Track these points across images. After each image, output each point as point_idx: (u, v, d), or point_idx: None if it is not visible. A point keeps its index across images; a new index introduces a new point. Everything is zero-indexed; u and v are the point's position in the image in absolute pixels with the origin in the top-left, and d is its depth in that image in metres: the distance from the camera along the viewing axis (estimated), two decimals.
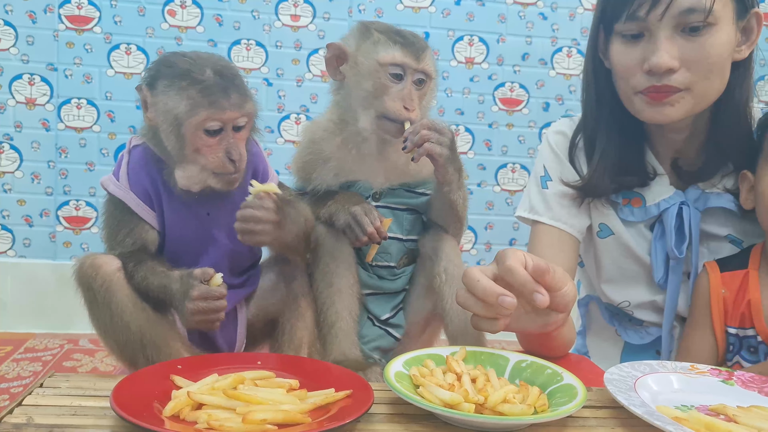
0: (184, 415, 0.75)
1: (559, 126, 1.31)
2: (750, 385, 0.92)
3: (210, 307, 0.96)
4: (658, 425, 0.73)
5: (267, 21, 2.82)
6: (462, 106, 2.96)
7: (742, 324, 1.11)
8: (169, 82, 1.00)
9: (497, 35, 2.94)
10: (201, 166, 1.01)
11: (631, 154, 1.21)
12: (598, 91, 1.21)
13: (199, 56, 1.03)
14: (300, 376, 0.87)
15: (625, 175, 1.21)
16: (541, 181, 1.27)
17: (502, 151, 3.01)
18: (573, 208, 1.24)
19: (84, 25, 2.73)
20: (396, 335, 1.19)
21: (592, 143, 1.22)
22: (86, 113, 2.76)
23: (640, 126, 1.21)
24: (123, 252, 1.04)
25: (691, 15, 1.04)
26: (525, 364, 0.93)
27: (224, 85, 0.99)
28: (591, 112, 1.23)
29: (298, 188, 1.19)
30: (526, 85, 2.98)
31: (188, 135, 0.99)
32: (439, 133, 1.07)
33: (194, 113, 0.98)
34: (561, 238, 1.23)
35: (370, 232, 1.06)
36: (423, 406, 0.77)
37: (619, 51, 1.12)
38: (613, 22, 1.11)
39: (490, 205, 3.03)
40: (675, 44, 1.06)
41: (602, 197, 1.23)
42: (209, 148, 1.00)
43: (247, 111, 1.02)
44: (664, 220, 1.20)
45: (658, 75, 1.07)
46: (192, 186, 1.02)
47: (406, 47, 1.09)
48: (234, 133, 1.01)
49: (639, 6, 1.06)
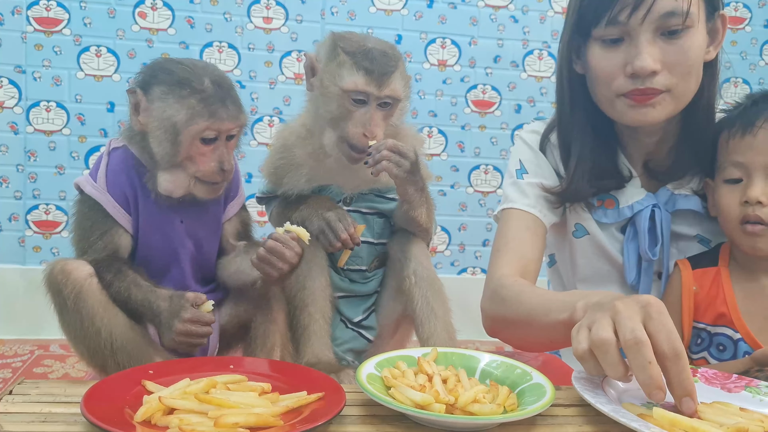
0: (156, 420, 0.75)
1: (533, 126, 1.33)
2: (713, 382, 0.95)
3: (198, 332, 0.99)
4: (624, 422, 0.75)
5: (239, 23, 2.81)
6: (435, 108, 2.98)
7: (715, 321, 1.13)
8: (167, 89, 1.01)
9: (469, 38, 2.96)
10: (189, 173, 1.02)
11: (605, 157, 1.23)
12: (573, 96, 1.22)
13: (196, 65, 1.04)
14: (272, 380, 0.88)
15: (602, 178, 1.23)
16: (517, 173, 1.27)
17: (474, 152, 3.03)
18: (546, 201, 1.25)
19: (53, 27, 2.69)
20: (368, 337, 1.20)
21: (568, 148, 1.24)
22: (56, 116, 2.73)
23: (612, 130, 1.23)
24: (96, 258, 1.04)
25: (670, 18, 1.06)
26: (495, 364, 0.94)
27: (222, 96, 1.01)
28: (566, 118, 1.24)
29: (268, 191, 1.20)
30: (498, 88, 3.01)
31: (185, 143, 1.00)
32: (401, 155, 1.08)
33: (194, 122, 0.99)
34: (535, 222, 1.22)
35: (344, 239, 1.07)
36: (394, 407, 0.78)
37: (598, 56, 1.13)
38: (592, 28, 1.12)
39: (464, 207, 3.05)
40: (656, 47, 1.08)
41: (582, 201, 1.25)
42: (202, 157, 1.02)
43: (241, 122, 1.04)
44: (636, 222, 1.22)
45: (641, 78, 1.09)
46: (175, 191, 1.03)
47: (369, 74, 1.09)
48: (226, 142, 1.03)
49: (620, 10, 1.07)
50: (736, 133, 1.12)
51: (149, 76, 1.03)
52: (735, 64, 3.15)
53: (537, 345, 1.17)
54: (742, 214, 1.09)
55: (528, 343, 1.17)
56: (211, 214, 1.06)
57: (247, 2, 2.80)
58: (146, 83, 1.03)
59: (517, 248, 1.19)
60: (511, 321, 1.11)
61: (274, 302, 1.11)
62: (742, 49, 3.15)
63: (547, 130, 1.29)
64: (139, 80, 1.04)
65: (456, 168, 3.02)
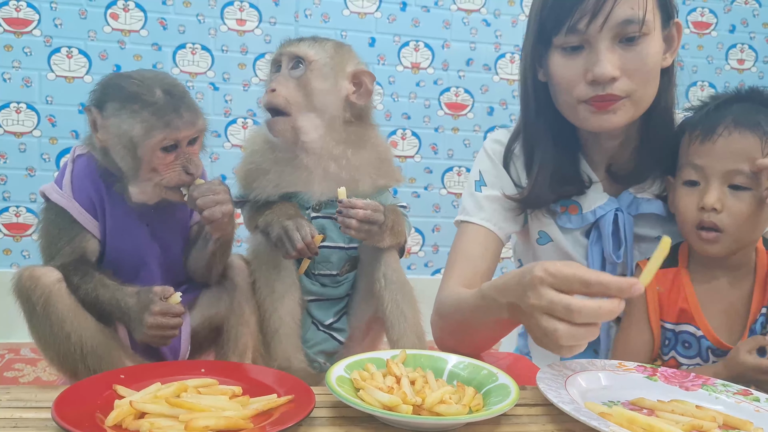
0: (127, 425, 0.76)
1: (496, 135, 1.35)
2: (672, 381, 0.98)
3: (168, 323, 0.99)
4: (584, 420, 0.78)
5: (212, 25, 2.81)
6: (408, 110, 3.00)
7: (678, 320, 1.17)
8: (119, 105, 1.01)
9: (442, 41, 2.99)
10: (156, 183, 1.03)
11: (567, 163, 1.26)
12: (537, 103, 1.24)
13: (145, 77, 1.04)
14: (243, 383, 0.89)
15: (563, 185, 1.25)
16: (476, 185, 1.30)
17: (448, 154, 3.06)
18: (504, 212, 1.28)
19: (23, 28, 2.66)
20: (340, 339, 1.22)
21: (531, 155, 1.26)
22: (26, 118, 2.70)
23: (575, 135, 1.26)
24: (64, 263, 1.04)
25: (628, 26, 1.09)
26: (463, 365, 0.97)
27: (175, 105, 1.01)
28: (530, 125, 1.26)
29: (240, 196, 1.21)
30: (471, 90, 3.04)
31: (145, 155, 1.01)
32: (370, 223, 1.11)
33: (150, 136, 1.00)
34: (487, 237, 1.26)
35: (300, 248, 1.07)
36: (363, 408, 0.80)
37: (559, 63, 1.15)
38: (552, 36, 1.14)
39: (437, 208, 3.07)
40: (615, 54, 1.10)
41: (543, 207, 1.27)
42: (165, 165, 1.02)
43: (199, 127, 1.04)
44: (600, 226, 1.25)
45: (601, 84, 1.11)
46: (148, 200, 1.05)
47: None
48: (188, 147, 1.03)
49: (579, 19, 1.09)
50: (697, 137, 1.14)
51: (102, 93, 1.04)
52: (701, 68, 3.21)
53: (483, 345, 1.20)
54: (698, 218, 1.12)
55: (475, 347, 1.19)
56: (177, 217, 1.07)
57: (220, 4, 2.80)
58: (100, 100, 1.03)
59: (466, 264, 1.24)
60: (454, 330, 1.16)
61: (245, 305, 1.12)
62: (708, 54, 3.22)
63: (511, 140, 1.31)
64: (93, 98, 1.05)
65: (429, 170, 3.05)
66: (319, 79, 1.11)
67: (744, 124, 1.10)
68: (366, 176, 1.16)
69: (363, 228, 1.08)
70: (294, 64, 1.10)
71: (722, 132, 1.11)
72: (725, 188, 1.11)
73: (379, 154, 1.19)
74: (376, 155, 1.19)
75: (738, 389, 0.95)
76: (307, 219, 1.13)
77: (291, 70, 1.10)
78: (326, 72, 1.12)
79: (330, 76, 1.12)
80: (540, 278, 0.86)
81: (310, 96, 1.10)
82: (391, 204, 1.18)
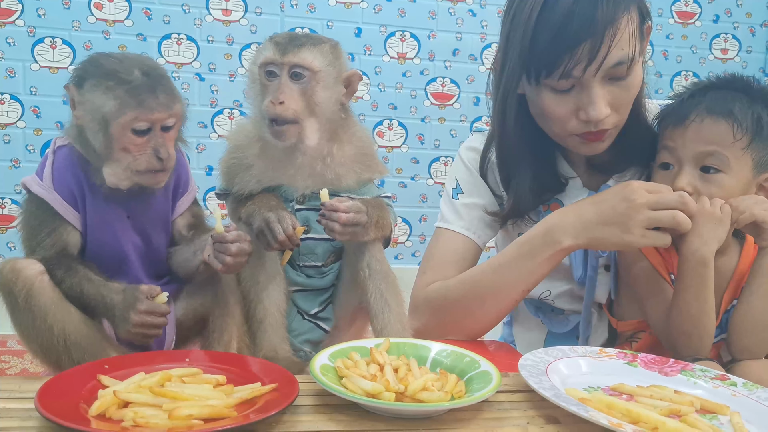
0: (111, 414, 0.76)
1: (471, 143, 1.37)
2: (651, 366, 0.99)
3: (153, 323, 1.00)
4: (564, 406, 0.79)
5: (198, 15, 2.80)
6: (395, 100, 3.00)
7: None
8: (96, 82, 1.00)
9: (428, 31, 3.00)
10: (127, 165, 1.02)
11: (546, 167, 1.28)
12: (516, 117, 1.23)
13: (126, 57, 1.03)
14: (227, 372, 0.90)
15: (545, 190, 1.27)
16: (453, 192, 1.34)
17: (434, 144, 3.07)
18: (483, 220, 1.31)
19: (6, 18, 2.64)
20: (325, 328, 1.22)
21: (509, 166, 1.27)
22: (10, 109, 2.69)
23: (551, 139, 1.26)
24: (45, 256, 1.04)
25: (619, 67, 1.11)
26: (446, 353, 0.98)
27: (152, 85, 1.00)
28: (508, 138, 1.25)
29: (223, 189, 1.21)
30: (457, 80, 3.05)
31: (116, 134, 1.00)
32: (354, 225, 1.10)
33: (122, 113, 0.99)
34: (467, 245, 1.30)
35: (281, 240, 1.07)
36: (346, 396, 0.80)
37: (550, 100, 1.15)
38: (543, 78, 1.12)
39: (424, 198, 3.09)
40: (607, 92, 1.12)
41: (527, 215, 1.29)
42: (137, 147, 1.01)
43: (175, 111, 1.03)
44: None
45: (594, 122, 1.13)
46: (120, 183, 1.03)
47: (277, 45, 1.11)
48: (162, 132, 1.02)
49: (574, 66, 1.08)
50: (671, 122, 1.18)
51: (82, 71, 1.03)
52: (685, 57, 3.24)
53: (487, 322, 1.24)
54: None
55: (477, 327, 1.24)
56: (158, 209, 1.07)
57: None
58: (79, 78, 1.03)
59: (441, 269, 1.27)
60: (455, 311, 1.20)
61: (230, 296, 1.12)
62: (692, 44, 3.24)
63: (486, 148, 1.32)
64: (74, 76, 1.04)
65: (416, 160, 3.06)
66: (323, 88, 1.12)
67: (716, 110, 1.13)
68: (350, 171, 1.16)
69: (346, 231, 1.09)
70: (296, 73, 1.10)
71: (694, 118, 1.13)
72: (697, 172, 1.13)
73: (362, 148, 1.20)
74: (360, 149, 1.19)
75: (716, 374, 0.97)
76: (290, 210, 1.13)
77: (294, 79, 1.10)
78: (329, 81, 1.13)
79: (331, 84, 1.13)
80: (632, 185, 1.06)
81: (315, 105, 1.11)
82: (375, 197, 1.19)
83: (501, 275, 1.18)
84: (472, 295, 1.20)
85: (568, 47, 1.07)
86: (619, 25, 1.08)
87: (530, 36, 1.10)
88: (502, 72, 1.21)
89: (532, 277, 1.17)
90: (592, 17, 1.07)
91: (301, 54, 1.10)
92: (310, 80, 1.10)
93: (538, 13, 1.09)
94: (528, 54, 1.12)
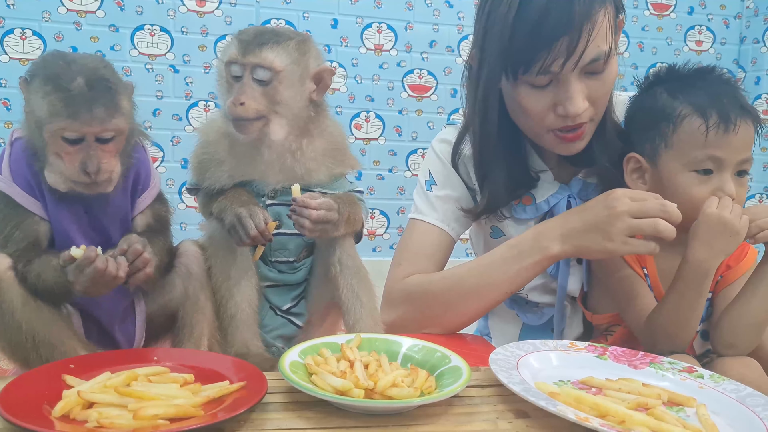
0: (75, 415, 0.75)
1: (443, 135, 1.37)
2: (621, 359, 1.00)
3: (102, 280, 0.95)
4: (532, 400, 0.79)
5: (171, 6, 2.76)
6: (372, 92, 2.99)
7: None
8: (39, 83, 0.98)
9: (405, 22, 2.98)
10: (61, 171, 0.99)
11: (518, 161, 1.28)
12: (500, 116, 1.22)
13: (77, 62, 0.99)
14: (195, 370, 0.89)
15: (518, 186, 1.28)
16: (426, 184, 1.34)
17: (412, 136, 3.07)
18: (456, 212, 1.31)
19: None
20: (298, 323, 1.22)
21: (483, 162, 1.27)
22: None
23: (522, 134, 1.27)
24: (16, 250, 1.02)
25: (596, 62, 1.11)
26: (417, 348, 0.98)
27: (90, 97, 0.96)
28: (491, 138, 1.24)
29: (194, 184, 1.19)
30: (434, 72, 3.04)
31: (48, 140, 0.98)
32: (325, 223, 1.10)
33: (52, 120, 0.96)
34: (441, 237, 1.31)
35: (254, 236, 1.06)
36: (314, 393, 0.80)
37: (527, 95, 1.15)
38: (520, 74, 1.12)
39: (402, 190, 3.08)
40: (584, 87, 1.13)
41: (500, 210, 1.29)
42: (68, 156, 0.98)
43: (113, 126, 0.99)
44: (554, 213, 1.26)
45: (571, 117, 1.14)
46: (59, 186, 1.00)
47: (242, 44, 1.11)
48: (99, 144, 0.99)
49: (553, 62, 1.08)
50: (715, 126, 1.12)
51: (34, 67, 1.01)
52: (660, 49, 3.26)
53: (467, 318, 1.25)
54: None
55: (456, 322, 1.24)
56: (116, 206, 1.04)
57: None
58: (31, 75, 1.01)
59: (416, 261, 1.28)
60: (435, 305, 1.20)
61: (200, 292, 1.11)
62: (667, 35, 3.27)
63: (458, 141, 1.32)
64: (28, 71, 1.02)
65: (394, 152, 3.05)
66: (287, 87, 1.11)
67: (746, 113, 1.12)
68: (321, 166, 1.16)
69: (317, 228, 1.08)
70: (258, 72, 1.08)
71: (739, 123, 1.11)
72: (733, 177, 1.13)
73: (333, 142, 1.19)
74: (331, 144, 1.18)
75: (683, 366, 0.98)
76: (261, 206, 1.12)
77: (256, 79, 1.09)
78: (293, 79, 1.11)
79: (296, 82, 1.12)
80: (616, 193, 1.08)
81: (278, 103, 1.10)
82: (347, 192, 1.18)
83: (487, 275, 1.19)
84: (455, 292, 1.21)
85: (545, 43, 1.07)
86: (596, 20, 1.08)
87: (508, 34, 1.10)
88: (480, 68, 1.20)
89: (517, 279, 1.18)
90: (569, 12, 1.07)
91: (262, 54, 1.08)
92: (272, 80, 1.09)
93: (516, 10, 1.09)
94: (506, 51, 1.12)
